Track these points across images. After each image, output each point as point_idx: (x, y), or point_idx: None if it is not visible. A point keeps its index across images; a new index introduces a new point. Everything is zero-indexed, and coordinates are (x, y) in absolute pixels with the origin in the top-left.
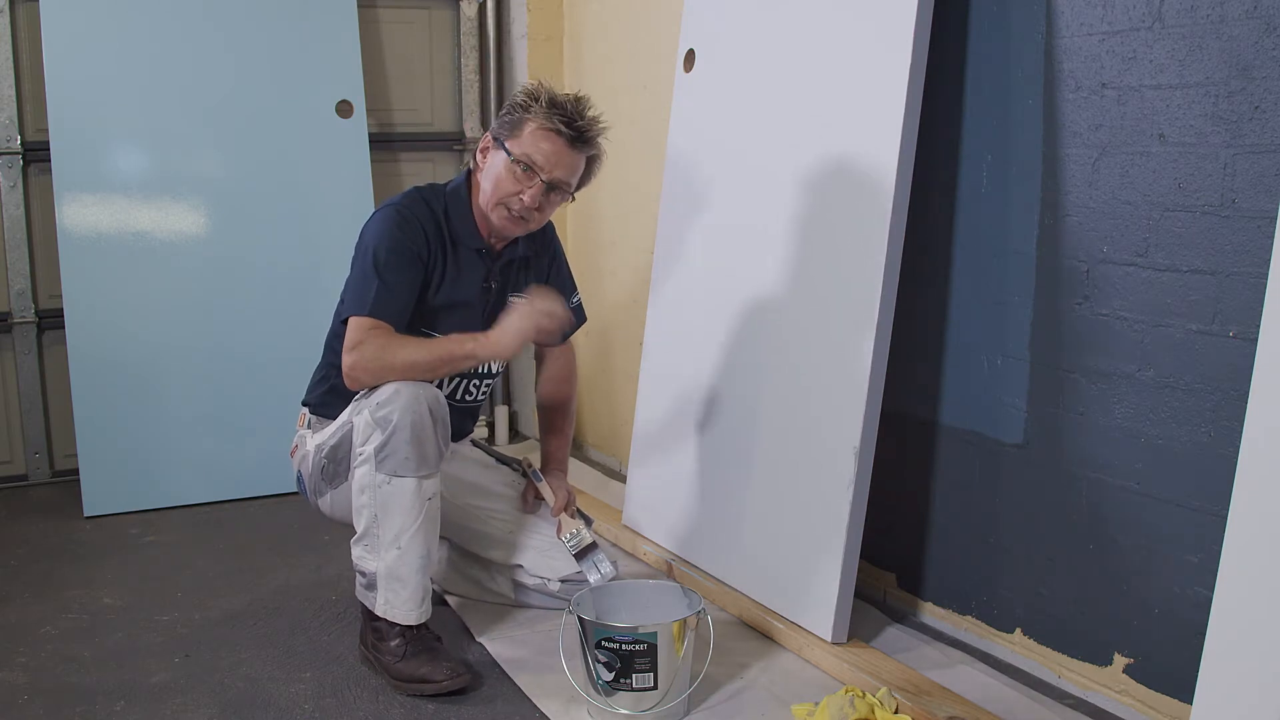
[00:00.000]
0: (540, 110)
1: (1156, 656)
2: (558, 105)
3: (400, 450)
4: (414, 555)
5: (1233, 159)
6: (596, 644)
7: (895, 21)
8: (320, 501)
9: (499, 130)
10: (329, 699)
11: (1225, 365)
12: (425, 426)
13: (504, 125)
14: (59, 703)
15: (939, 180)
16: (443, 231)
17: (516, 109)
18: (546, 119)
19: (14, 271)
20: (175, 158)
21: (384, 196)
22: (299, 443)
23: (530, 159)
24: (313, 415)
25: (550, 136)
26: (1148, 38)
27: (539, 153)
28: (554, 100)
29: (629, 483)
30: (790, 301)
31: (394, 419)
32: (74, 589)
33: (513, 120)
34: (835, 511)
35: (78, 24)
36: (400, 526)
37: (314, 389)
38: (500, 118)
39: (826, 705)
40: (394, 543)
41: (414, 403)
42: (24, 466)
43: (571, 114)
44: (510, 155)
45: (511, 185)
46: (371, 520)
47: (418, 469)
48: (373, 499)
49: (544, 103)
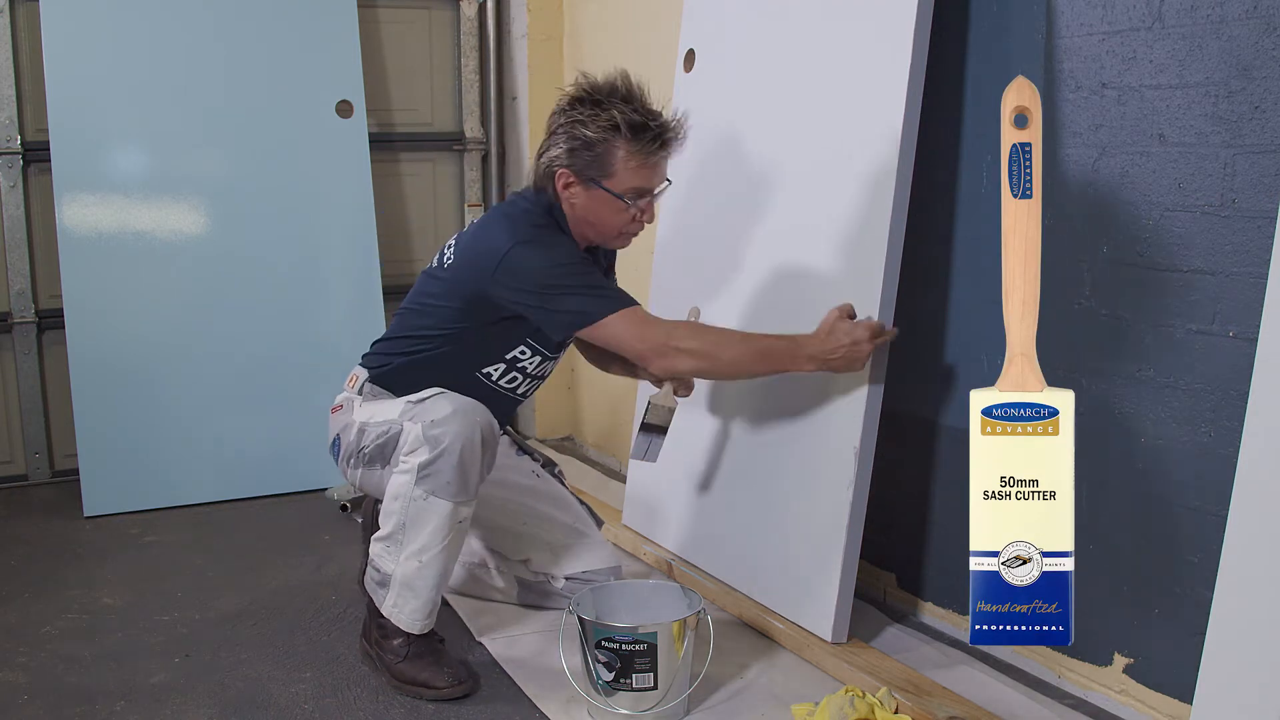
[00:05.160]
0: (624, 139)
1: (1156, 656)
2: (639, 128)
3: (445, 474)
4: (433, 572)
5: (1233, 159)
6: (596, 644)
7: (895, 21)
8: (348, 471)
9: (586, 169)
10: (329, 699)
11: (1225, 365)
12: (474, 454)
13: (588, 163)
14: (59, 703)
15: (939, 180)
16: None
17: (596, 143)
18: (637, 146)
19: (14, 271)
20: (175, 158)
21: (383, 196)
22: (344, 404)
23: (639, 189)
24: (370, 383)
25: (648, 160)
26: (1148, 38)
27: (644, 180)
28: (633, 123)
29: (629, 483)
30: (790, 301)
31: (445, 442)
32: (74, 589)
33: (596, 156)
34: (835, 511)
35: (78, 24)
36: (426, 543)
37: (386, 359)
38: (574, 152)
39: (826, 705)
40: (416, 555)
41: (469, 429)
42: (24, 466)
43: (657, 131)
44: (613, 193)
45: (626, 216)
46: (399, 527)
47: (457, 494)
48: (405, 509)
49: (625, 129)
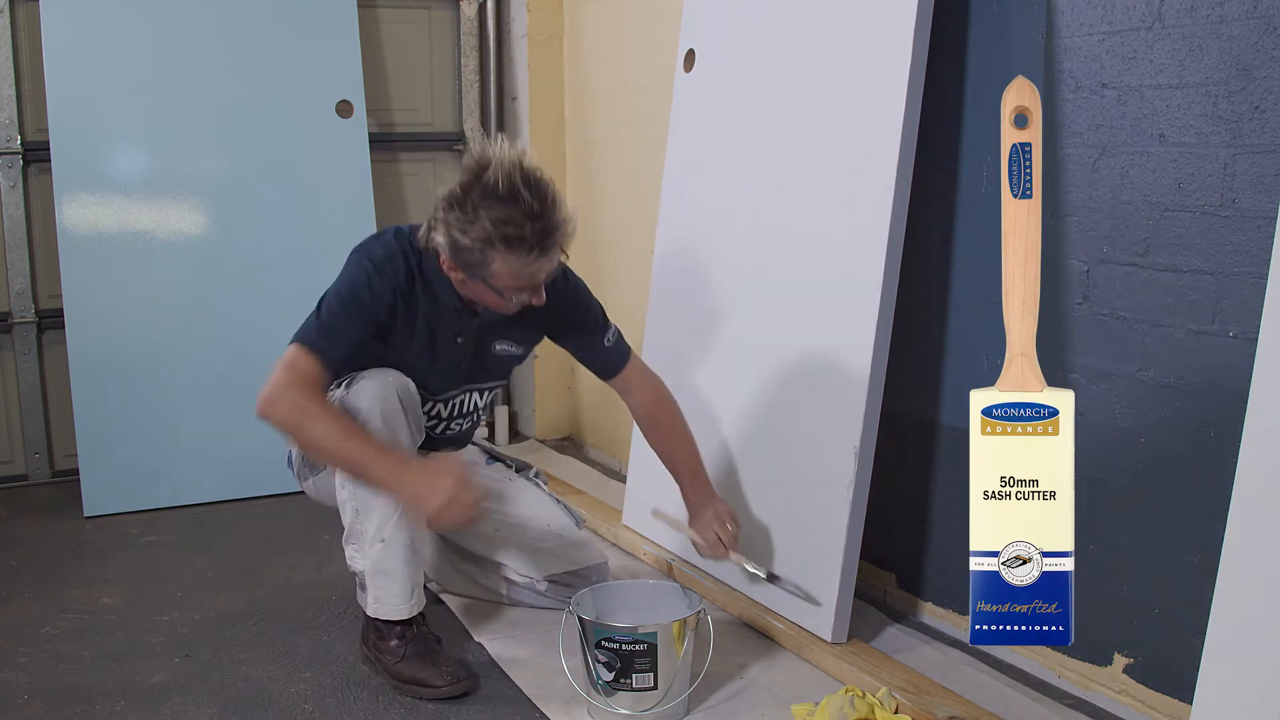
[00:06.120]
0: (499, 250)
1: (1156, 656)
2: (513, 240)
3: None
4: (399, 546)
5: (1233, 159)
6: (596, 644)
7: (895, 21)
8: (305, 485)
9: (465, 265)
10: (329, 699)
11: (1225, 365)
12: (395, 413)
13: (467, 262)
14: (59, 703)
15: (939, 180)
16: (415, 289)
17: (473, 249)
18: (513, 256)
19: (14, 271)
20: (175, 158)
21: (384, 197)
22: None
23: (515, 288)
24: None
25: (526, 269)
26: (1148, 38)
27: (525, 281)
28: (507, 236)
29: (629, 483)
30: (790, 301)
31: (363, 406)
32: (74, 589)
33: (474, 258)
34: (835, 511)
35: (78, 24)
36: (381, 519)
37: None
38: (453, 248)
39: (826, 705)
40: (377, 536)
41: (382, 389)
42: (24, 466)
43: (534, 240)
44: (494, 288)
45: (500, 301)
46: (354, 515)
47: None
48: (352, 494)
49: (499, 242)
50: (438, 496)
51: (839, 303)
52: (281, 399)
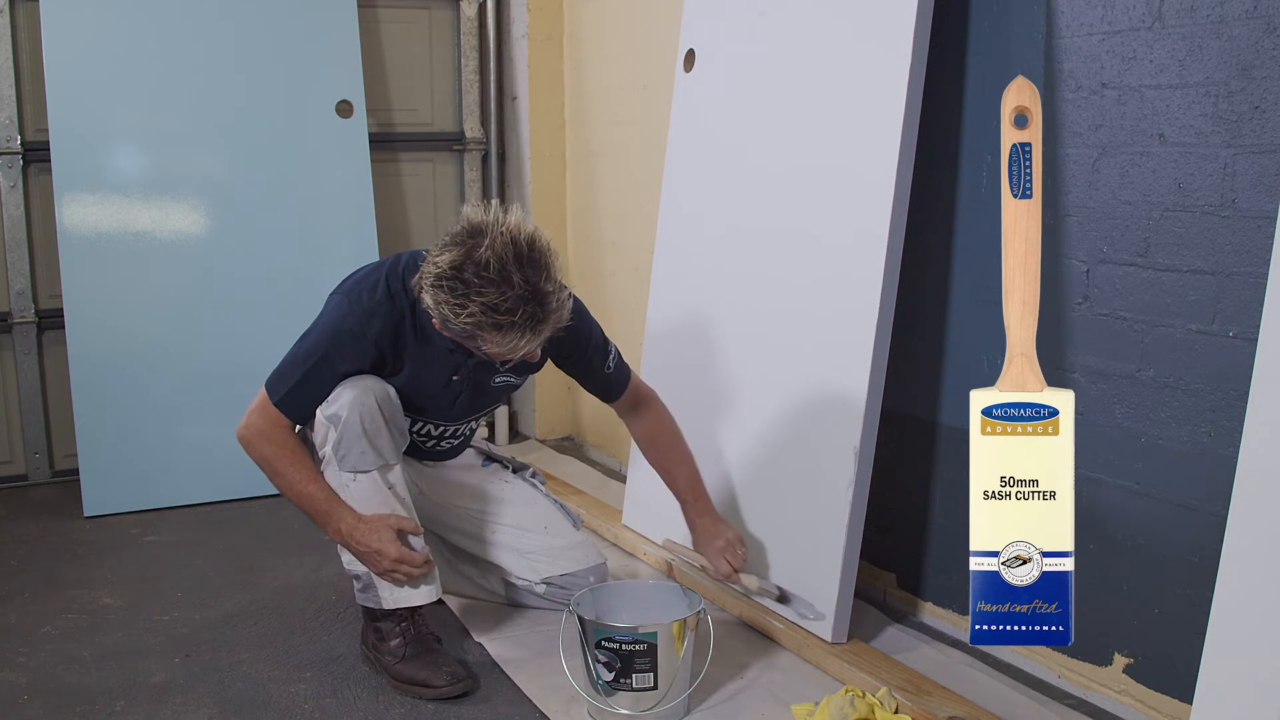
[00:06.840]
0: (489, 332)
1: (1156, 656)
2: (503, 326)
3: (355, 444)
4: None
5: (1233, 159)
6: (596, 644)
7: (895, 22)
8: None
9: (457, 337)
10: (329, 699)
11: (1225, 365)
12: (374, 418)
13: (457, 334)
14: (59, 703)
15: (939, 180)
16: (404, 328)
17: (463, 329)
18: (501, 336)
19: (14, 271)
20: (175, 158)
21: (384, 197)
22: None
23: (505, 358)
24: None
25: (517, 347)
26: (1148, 38)
27: (515, 354)
28: (498, 323)
29: (629, 483)
30: (790, 301)
31: (344, 414)
32: (74, 589)
33: (464, 335)
34: (835, 511)
35: (78, 24)
36: None
37: None
38: (446, 325)
39: (826, 705)
40: None
41: (361, 396)
42: (24, 466)
43: (524, 323)
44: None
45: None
46: None
47: (375, 461)
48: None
49: (489, 328)
50: (371, 560)
51: (839, 302)
52: (250, 445)
